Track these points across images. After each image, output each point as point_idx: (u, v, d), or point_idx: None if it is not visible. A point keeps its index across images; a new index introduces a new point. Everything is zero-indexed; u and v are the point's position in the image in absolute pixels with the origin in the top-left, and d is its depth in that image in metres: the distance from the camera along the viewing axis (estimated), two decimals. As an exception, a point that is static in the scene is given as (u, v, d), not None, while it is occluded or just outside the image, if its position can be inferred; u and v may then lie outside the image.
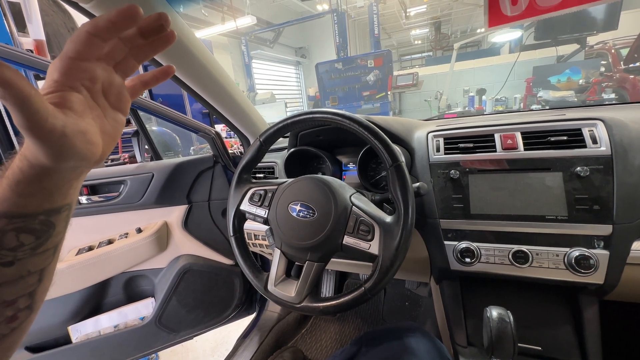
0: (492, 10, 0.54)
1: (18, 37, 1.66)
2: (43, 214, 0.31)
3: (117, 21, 0.29)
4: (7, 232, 0.29)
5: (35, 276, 0.33)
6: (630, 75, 4.07)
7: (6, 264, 0.30)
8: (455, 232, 0.76)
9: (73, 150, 0.28)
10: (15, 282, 0.31)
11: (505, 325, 0.56)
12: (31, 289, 0.33)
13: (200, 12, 7.38)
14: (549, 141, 0.70)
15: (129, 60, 0.34)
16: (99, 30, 0.29)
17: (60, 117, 0.27)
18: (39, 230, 0.31)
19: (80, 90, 0.30)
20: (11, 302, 0.31)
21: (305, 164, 1.05)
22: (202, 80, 0.86)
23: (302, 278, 0.60)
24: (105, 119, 0.33)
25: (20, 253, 0.31)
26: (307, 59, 11.99)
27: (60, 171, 0.30)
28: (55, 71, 0.29)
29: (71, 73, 0.29)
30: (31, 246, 0.31)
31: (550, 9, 0.50)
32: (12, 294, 0.31)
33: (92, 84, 0.31)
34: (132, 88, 0.38)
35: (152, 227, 1.12)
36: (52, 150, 0.27)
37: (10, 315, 0.31)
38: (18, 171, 0.29)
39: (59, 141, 0.27)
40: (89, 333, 1.11)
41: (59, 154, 0.28)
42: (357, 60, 7.47)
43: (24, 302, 0.33)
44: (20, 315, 0.32)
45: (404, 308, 1.51)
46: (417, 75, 6.98)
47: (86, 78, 0.30)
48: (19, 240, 0.30)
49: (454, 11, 11.36)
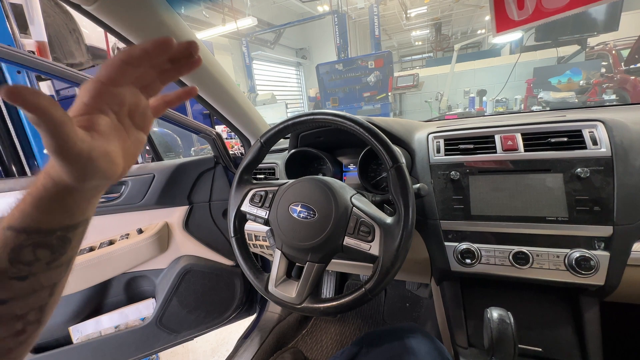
0: (498, 15, 0.54)
1: (20, 38, 1.67)
2: (61, 230, 0.32)
3: (151, 51, 0.30)
4: (25, 247, 0.30)
5: (47, 290, 0.33)
6: (630, 76, 4.07)
7: (21, 278, 0.30)
8: (455, 233, 0.76)
9: (97, 171, 0.29)
10: (28, 296, 0.31)
11: (506, 326, 0.56)
12: (42, 302, 0.33)
13: (201, 14, 7.40)
14: (549, 142, 0.70)
15: (155, 82, 0.35)
16: (133, 59, 0.30)
17: (88, 140, 0.28)
18: (55, 245, 0.32)
19: (108, 113, 0.31)
20: (21, 316, 0.31)
21: (306, 165, 1.06)
22: (203, 81, 0.87)
23: (302, 279, 0.60)
24: (128, 138, 0.34)
25: (35, 268, 0.31)
26: (307, 60, 12.00)
27: (82, 190, 0.31)
28: (86, 94, 0.30)
29: (101, 97, 0.30)
30: (46, 261, 0.32)
31: (557, 11, 0.50)
32: (23, 307, 0.31)
33: (120, 107, 0.32)
34: (155, 108, 0.39)
35: (153, 227, 1.12)
36: (78, 172, 0.28)
37: (20, 329, 0.32)
38: (42, 188, 0.29)
39: (85, 164, 0.28)
40: (90, 333, 1.11)
41: (84, 175, 0.29)
42: (358, 62, 7.48)
43: (34, 316, 0.33)
44: (29, 329, 0.32)
45: (404, 309, 1.50)
46: (418, 77, 6.99)
47: (115, 102, 0.31)
48: (35, 255, 0.31)
49: (455, 12, 11.37)
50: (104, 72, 0.30)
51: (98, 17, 0.59)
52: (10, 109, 1.66)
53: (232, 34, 8.17)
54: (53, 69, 0.80)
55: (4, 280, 0.30)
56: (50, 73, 0.80)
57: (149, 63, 0.32)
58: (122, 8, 0.60)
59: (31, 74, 1.69)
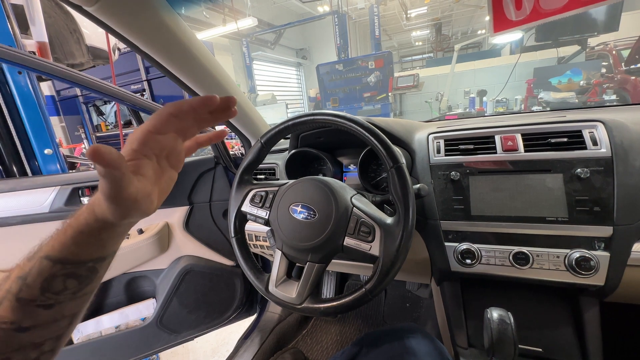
0: (496, 15, 0.54)
1: (21, 39, 1.67)
2: (92, 262, 0.33)
3: (198, 108, 0.33)
4: (57, 277, 0.31)
5: (68, 320, 0.34)
6: (631, 76, 4.07)
7: (47, 307, 0.31)
8: (455, 233, 0.76)
9: (138, 211, 0.32)
10: (49, 325, 0.32)
11: (506, 326, 0.56)
12: (60, 332, 0.34)
13: (202, 14, 7.41)
14: (549, 143, 0.70)
15: (193, 128, 0.37)
16: (181, 113, 0.33)
17: (135, 184, 0.30)
18: (84, 276, 0.33)
19: (152, 157, 0.34)
20: (38, 345, 0.32)
21: (306, 165, 1.06)
22: (204, 81, 0.87)
23: (302, 279, 0.60)
24: (163, 177, 0.37)
25: (62, 297, 0.32)
26: (308, 60, 12.01)
27: (120, 226, 0.33)
28: (135, 141, 0.32)
29: (148, 144, 0.33)
30: (73, 290, 0.33)
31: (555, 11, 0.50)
32: (42, 336, 0.32)
33: (161, 152, 0.35)
34: (188, 148, 0.42)
35: (154, 228, 1.12)
36: (122, 212, 0.30)
37: (34, 357, 0.32)
38: (84, 223, 0.31)
39: (131, 205, 0.30)
40: (90, 333, 1.12)
41: (126, 214, 0.31)
42: (358, 62, 7.49)
43: (50, 345, 0.33)
44: (41, 358, 0.33)
45: (404, 309, 1.50)
46: (418, 77, 6.99)
47: (158, 148, 0.34)
48: (65, 285, 0.32)
49: (455, 12, 11.37)
50: (153, 123, 0.32)
51: (99, 18, 0.59)
52: (11, 109, 1.66)
53: (232, 34, 8.17)
54: (54, 70, 0.80)
55: (32, 308, 0.30)
56: (51, 73, 0.80)
57: (193, 116, 0.34)
58: (123, 9, 0.60)
59: (32, 74, 1.70)
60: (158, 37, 0.69)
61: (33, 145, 1.74)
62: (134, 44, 0.68)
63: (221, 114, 0.36)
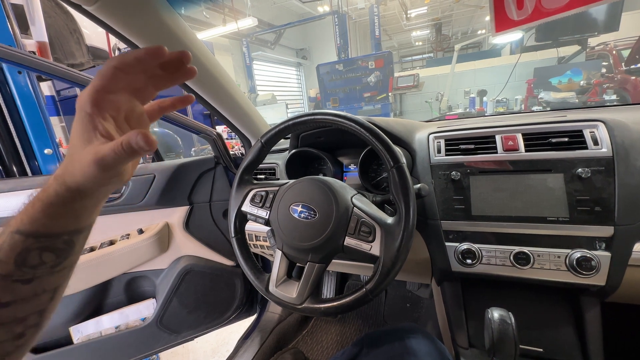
0: (498, 15, 0.54)
1: (21, 38, 1.67)
2: (67, 234, 0.33)
3: (143, 59, 0.32)
4: (32, 251, 0.31)
5: (49, 294, 0.34)
6: (631, 76, 4.07)
7: (25, 282, 0.31)
8: (456, 233, 0.76)
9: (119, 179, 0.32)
10: (30, 299, 0.32)
11: (507, 326, 0.56)
12: (43, 306, 0.34)
13: (202, 14, 7.40)
14: (550, 142, 0.69)
15: (148, 88, 0.36)
16: (125, 66, 0.31)
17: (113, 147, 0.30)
18: (61, 249, 0.33)
19: (109, 120, 0.32)
20: (22, 319, 0.32)
21: (307, 165, 1.06)
22: (204, 81, 0.87)
23: (303, 279, 0.60)
24: None
25: (39, 271, 0.32)
26: (308, 60, 12.01)
27: (94, 195, 0.33)
28: (86, 104, 0.31)
29: (101, 105, 0.31)
30: (51, 264, 0.32)
31: (556, 11, 0.50)
32: (24, 311, 0.32)
33: (118, 114, 0.33)
34: (150, 113, 0.40)
35: (154, 228, 1.12)
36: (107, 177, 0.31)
37: (19, 332, 0.32)
38: (53, 194, 0.31)
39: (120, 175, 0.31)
40: (90, 334, 1.11)
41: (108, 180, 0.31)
42: (358, 62, 7.49)
43: (34, 319, 0.33)
44: (28, 332, 0.33)
45: (405, 309, 1.50)
46: (418, 77, 6.99)
47: (113, 108, 0.32)
48: (41, 259, 0.31)
49: (455, 12, 11.37)
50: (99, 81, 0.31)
51: (99, 18, 0.59)
52: (11, 109, 1.66)
53: (232, 34, 8.17)
54: (54, 70, 0.80)
55: (8, 283, 0.30)
56: (51, 73, 0.80)
57: (140, 69, 0.33)
58: (123, 8, 0.60)
59: (32, 74, 1.70)
60: (158, 37, 0.68)
61: (33, 145, 1.73)
62: (134, 43, 0.67)
63: (176, 71, 0.35)
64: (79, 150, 0.30)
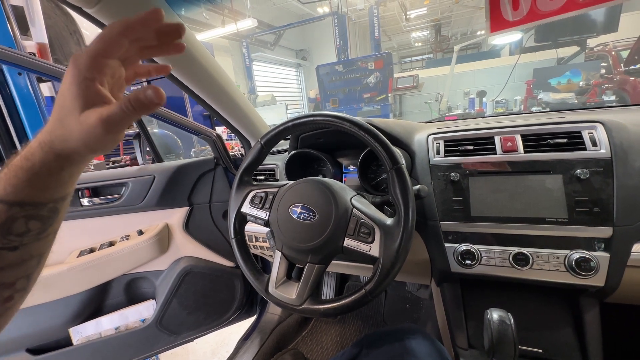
0: (493, 15, 0.55)
1: (21, 40, 1.67)
2: (53, 202, 0.33)
3: (146, 22, 0.31)
4: (18, 219, 0.31)
5: (35, 260, 0.34)
6: (630, 77, 4.07)
7: (12, 249, 0.31)
8: (455, 234, 0.76)
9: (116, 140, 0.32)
10: (18, 265, 0.32)
11: (506, 327, 0.56)
12: (30, 271, 0.34)
13: (202, 15, 7.41)
14: (548, 144, 0.70)
15: (135, 55, 0.35)
16: (129, 31, 0.31)
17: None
18: (46, 217, 0.33)
19: (105, 84, 0.32)
20: (10, 284, 0.33)
21: (306, 166, 1.06)
22: (203, 82, 0.87)
23: (302, 280, 0.60)
24: None
25: (26, 238, 0.32)
26: (307, 61, 12.02)
27: (83, 161, 0.33)
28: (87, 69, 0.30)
29: (101, 70, 0.31)
30: (37, 232, 0.33)
31: (551, 13, 0.51)
32: (12, 276, 0.33)
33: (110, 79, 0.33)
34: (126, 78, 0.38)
35: (153, 229, 1.12)
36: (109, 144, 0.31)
37: (7, 296, 0.33)
38: (39, 163, 0.30)
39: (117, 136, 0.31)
40: (90, 335, 1.11)
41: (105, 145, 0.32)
42: (358, 63, 7.50)
43: (22, 284, 0.34)
44: (16, 296, 0.34)
45: (404, 310, 1.50)
46: (418, 78, 7.00)
47: (109, 75, 0.32)
48: (27, 227, 0.32)
49: (454, 13, 11.40)
50: (102, 46, 0.30)
51: (99, 20, 0.60)
52: (11, 110, 1.67)
53: (232, 35, 8.18)
54: (54, 71, 0.80)
55: None
56: (51, 75, 0.80)
57: (141, 34, 0.32)
58: (123, 10, 0.61)
59: (32, 75, 1.70)
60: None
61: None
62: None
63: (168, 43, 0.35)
64: (74, 114, 0.29)
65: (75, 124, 0.29)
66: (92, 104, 0.29)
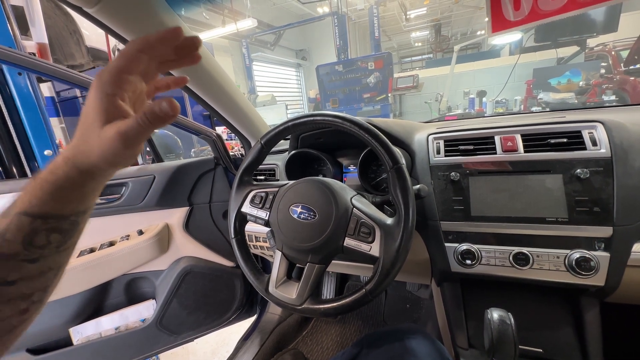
0: (494, 15, 0.55)
1: (21, 40, 1.67)
2: (74, 215, 0.33)
3: (166, 40, 0.32)
4: (40, 232, 0.31)
5: (53, 272, 0.35)
6: (630, 77, 4.07)
7: (32, 261, 0.32)
8: (455, 234, 0.76)
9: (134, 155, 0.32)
10: (36, 277, 0.33)
11: (506, 327, 0.56)
12: (47, 284, 0.35)
13: (202, 15, 7.41)
14: (549, 143, 0.70)
15: (153, 70, 0.36)
16: (149, 48, 0.32)
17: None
18: (67, 230, 0.33)
19: (126, 100, 0.32)
20: (28, 296, 0.33)
21: (306, 166, 1.06)
22: (203, 82, 0.87)
23: (303, 280, 0.60)
24: None
25: (46, 251, 0.32)
26: (307, 61, 12.02)
27: (105, 175, 0.33)
28: (109, 85, 0.31)
29: (122, 86, 0.31)
30: (57, 244, 0.33)
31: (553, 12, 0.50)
32: (30, 288, 0.33)
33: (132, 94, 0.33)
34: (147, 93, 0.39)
35: (153, 229, 1.12)
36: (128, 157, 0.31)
37: (24, 308, 0.33)
38: (64, 177, 0.31)
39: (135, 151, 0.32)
40: (90, 335, 1.11)
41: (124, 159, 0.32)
42: (358, 63, 7.49)
43: (39, 296, 0.34)
44: (32, 308, 0.34)
45: (405, 310, 1.50)
46: (418, 78, 7.00)
47: (130, 90, 0.33)
48: (48, 239, 0.32)
49: (454, 13, 11.40)
50: (123, 62, 0.31)
51: (99, 20, 0.60)
52: (11, 110, 1.67)
53: (232, 35, 8.18)
54: (54, 71, 0.80)
55: (16, 263, 0.31)
56: (51, 75, 0.80)
57: (161, 51, 0.33)
58: (123, 10, 0.61)
59: (32, 75, 1.70)
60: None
61: (33, 146, 1.73)
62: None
63: (185, 56, 0.36)
64: (95, 129, 0.30)
65: (96, 139, 0.30)
66: (112, 119, 0.30)
